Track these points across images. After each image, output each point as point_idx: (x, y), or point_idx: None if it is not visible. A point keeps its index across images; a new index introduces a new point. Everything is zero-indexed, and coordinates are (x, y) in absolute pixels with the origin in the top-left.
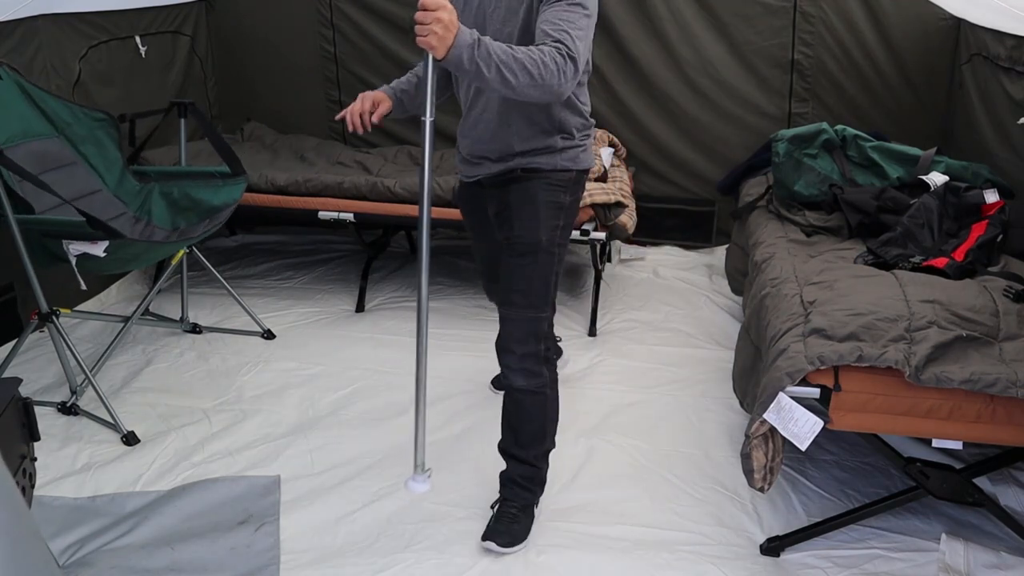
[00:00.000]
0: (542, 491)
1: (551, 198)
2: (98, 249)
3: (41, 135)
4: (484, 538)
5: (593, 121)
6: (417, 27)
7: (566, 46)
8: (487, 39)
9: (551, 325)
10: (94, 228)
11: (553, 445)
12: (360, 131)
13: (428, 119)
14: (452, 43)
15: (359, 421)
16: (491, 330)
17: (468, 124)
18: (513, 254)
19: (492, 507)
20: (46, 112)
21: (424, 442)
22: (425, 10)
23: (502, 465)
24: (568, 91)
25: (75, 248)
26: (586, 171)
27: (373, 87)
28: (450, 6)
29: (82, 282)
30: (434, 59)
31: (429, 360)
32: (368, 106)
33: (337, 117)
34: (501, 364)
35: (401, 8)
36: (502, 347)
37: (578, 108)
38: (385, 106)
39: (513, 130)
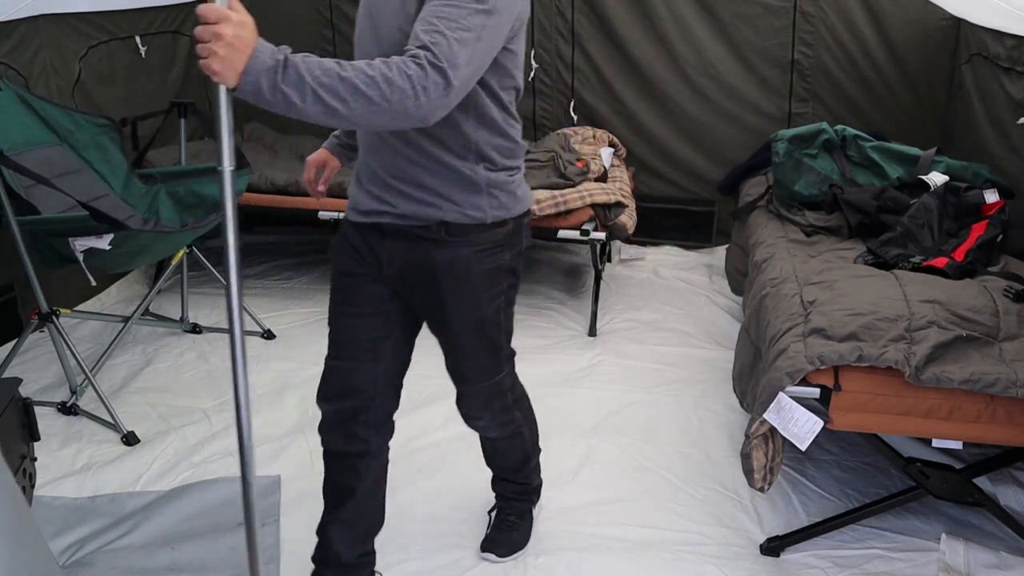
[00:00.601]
0: (539, 495)
1: (489, 264)
2: (103, 242)
3: (44, 143)
4: (483, 549)
5: (524, 146)
6: (197, 47)
7: (432, 52)
8: (300, 57)
9: (514, 364)
10: (98, 221)
11: (539, 452)
12: (319, 199)
13: (226, 168)
14: (244, 66)
15: None
16: None
17: (375, 152)
18: (452, 336)
19: (489, 513)
20: (47, 120)
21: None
22: (204, 23)
23: None
24: (436, 113)
25: (81, 244)
26: (525, 214)
27: None
28: (240, 16)
29: (91, 278)
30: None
31: (430, 360)
32: (312, 174)
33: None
34: (469, 427)
35: None
36: (467, 416)
37: (500, 128)
38: (331, 166)
39: (418, 159)
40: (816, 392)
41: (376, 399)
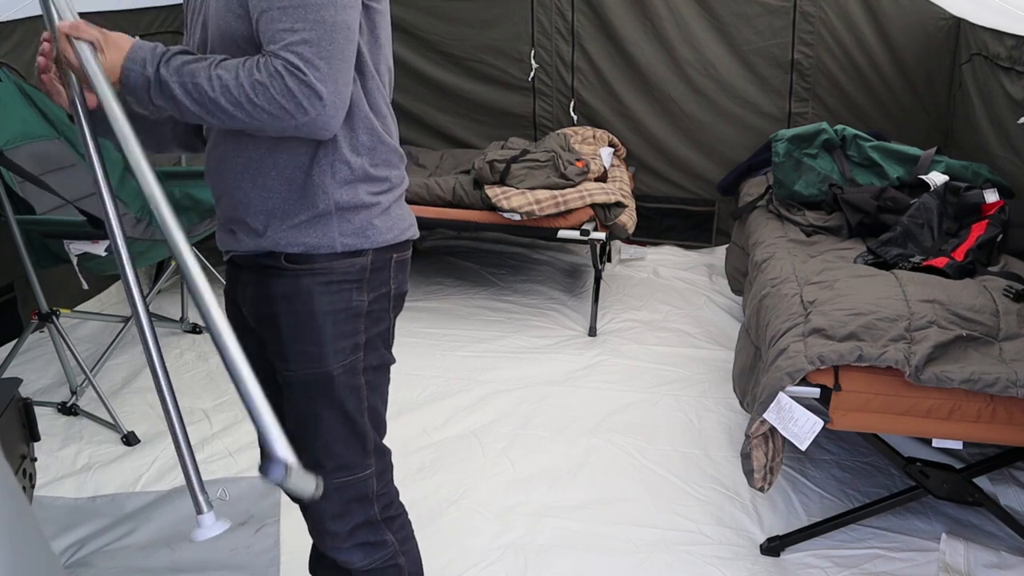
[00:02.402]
0: None
1: (337, 303)
2: (99, 248)
3: (42, 137)
4: None
5: (400, 153)
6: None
7: (296, 69)
8: (166, 67)
9: (389, 466)
10: (95, 227)
11: None
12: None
13: (105, 194)
14: (122, 61)
15: None
16: (491, 330)
17: (211, 163)
18: (295, 396)
19: None
20: (46, 114)
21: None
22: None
23: (503, 465)
24: (323, 121)
25: (76, 248)
26: (397, 247)
27: None
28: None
29: (84, 281)
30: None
31: (430, 360)
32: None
33: None
34: (321, 549)
35: (401, 8)
36: (316, 530)
37: (366, 138)
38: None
39: (251, 171)
40: (816, 392)
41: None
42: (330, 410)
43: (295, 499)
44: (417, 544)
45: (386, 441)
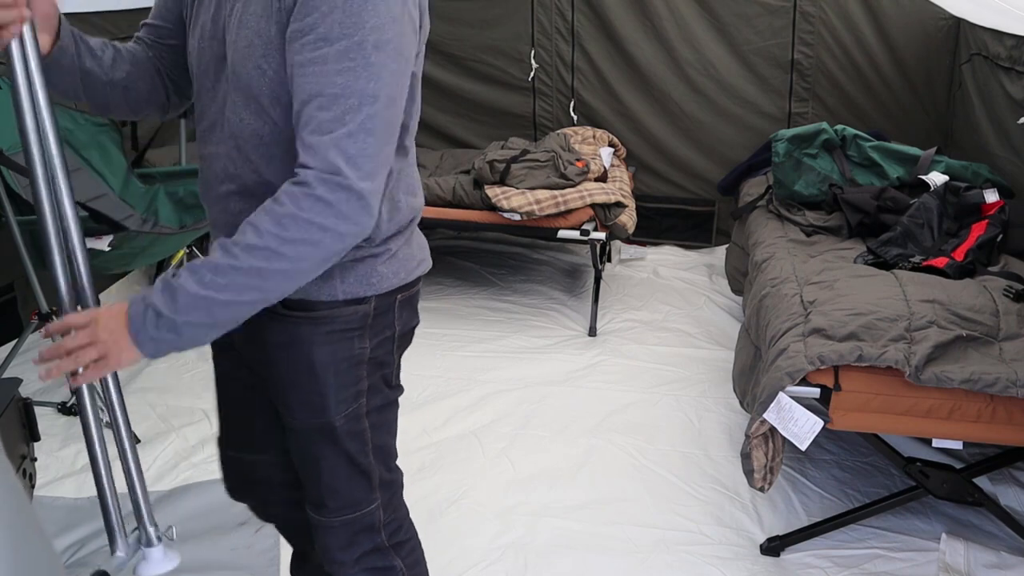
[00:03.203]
0: None
1: (338, 353)
2: (103, 243)
3: None
4: None
5: (420, 203)
6: (78, 356)
7: (332, 174)
8: (174, 278)
9: (397, 491)
10: (98, 223)
11: None
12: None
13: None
14: (129, 336)
15: None
16: (491, 330)
17: (204, 167)
18: (297, 440)
19: None
20: None
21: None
22: (73, 329)
23: (503, 465)
24: (368, 224)
25: None
26: (400, 290)
27: None
28: (102, 311)
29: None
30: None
31: (430, 360)
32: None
33: None
34: (329, 571)
35: None
36: (326, 559)
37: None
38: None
39: (246, 213)
40: (816, 392)
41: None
42: (333, 455)
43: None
44: (427, 566)
45: None
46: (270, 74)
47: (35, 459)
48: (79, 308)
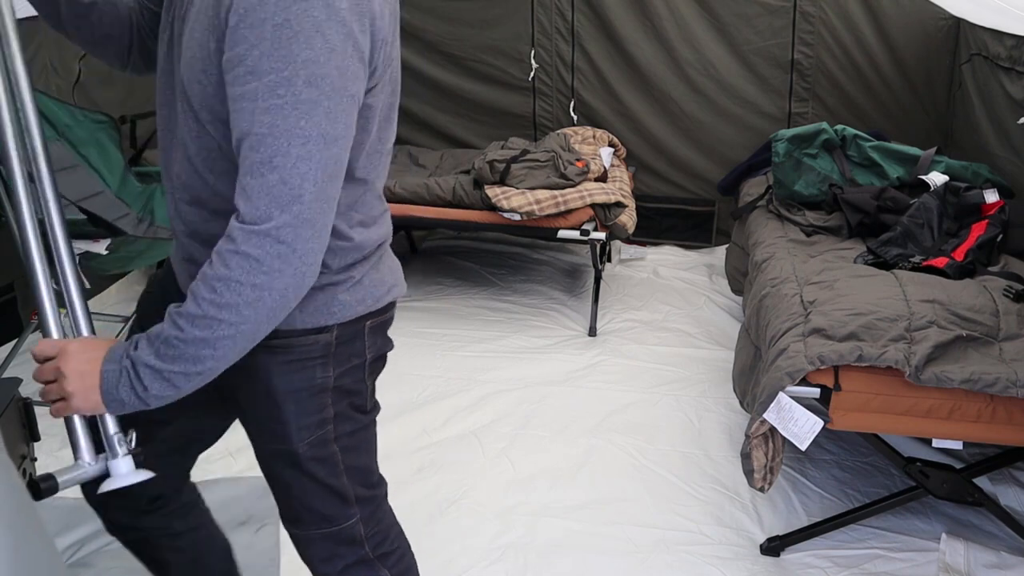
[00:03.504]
0: None
1: (297, 383)
2: (100, 247)
3: None
4: None
5: (381, 233)
6: (43, 391)
7: (260, 223)
8: (136, 349)
9: (380, 504)
10: (96, 226)
11: None
12: None
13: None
14: (99, 392)
15: None
16: (491, 330)
17: (162, 174)
18: (263, 463)
19: None
20: (46, 115)
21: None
22: (43, 360)
23: (503, 465)
24: (309, 271)
25: (77, 247)
26: (368, 317)
27: None
28: (73, 345)
29: (85, 281)
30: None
31: (430, 360)
32: None
33: None
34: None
35: (401, 8)
36: (311, 570)
37: (341, 231)
38: None
39: (199, 223)
40: (816, 392)
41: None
42: (302, 479)
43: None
44: (419, 573)
45: (384, 441)
46: (210, 90)
47: (35, 459)
48: (62, 313)
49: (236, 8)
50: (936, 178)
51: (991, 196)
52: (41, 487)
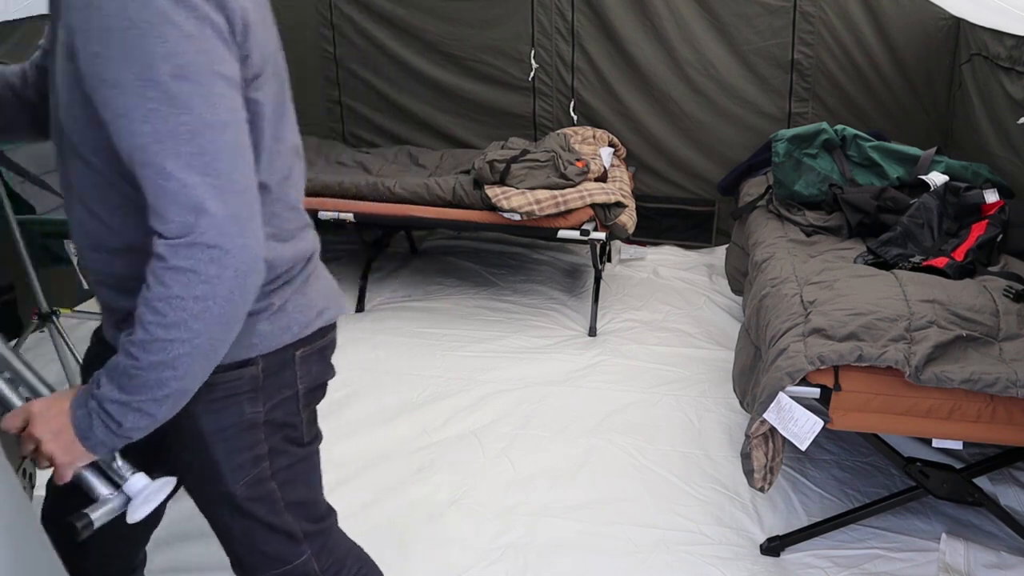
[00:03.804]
0: None
1: (225, 421)
2: None
3: None
4: None
5: (302, 249)
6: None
7: (182, 236)
8: (98, 388)
9: (331, 535)
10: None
11: None
12: None
13: None
14: (78, 440)
15: (358, 422)
16: (491, 330)
17: (69, 219)
18: (200, 507)
19: None
20: None
21: None
22: (18, 432)
23: (503, 465)
24: (250, 266)
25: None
26: (297, 345)
27: (373, 87)
28: (37, 406)
29: (84, 281)
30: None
31: (430, 360)
32: None
33: None
34: None
35: (401, 8)
36: None
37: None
38: None
39: (103, 266)
40: (816, 392)
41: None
42: (242, 522)
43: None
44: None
45: (384, 441)
46: (82, 121)
47: (35, 460)
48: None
49: (79, 28)
50: (936, 178)
51: (991, 196)
52: (79, 527)
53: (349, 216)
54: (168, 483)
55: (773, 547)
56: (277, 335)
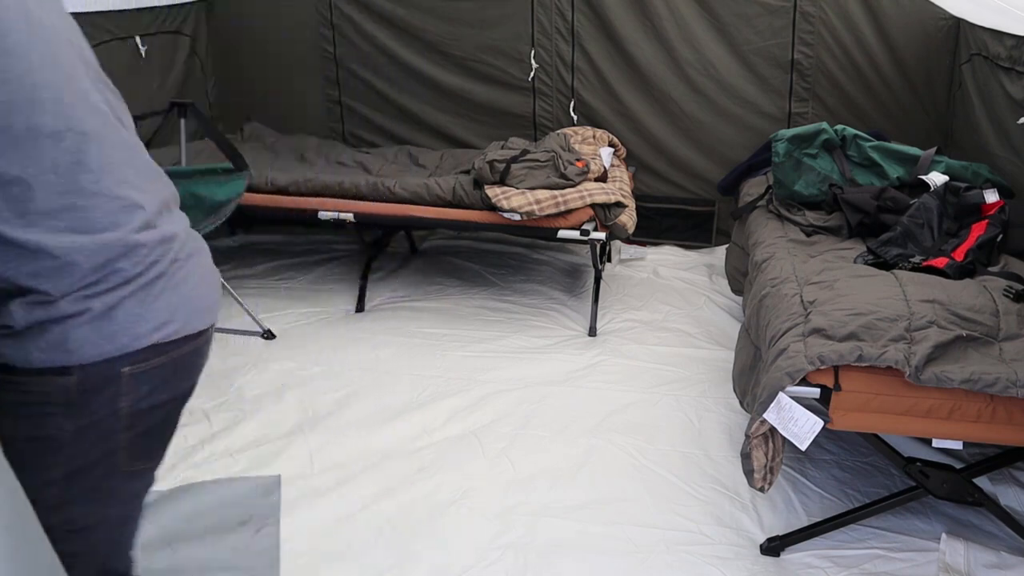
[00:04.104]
0: None
1: (24, 430)
2: None
3: None
4: None
5: (140, 238)
6: None
7: None
8: None
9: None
10: None
11: None
12: None
13: None
14: None
15: (359, 421)
16: (491, 330)
17: None
18: None
19: None
20: None
21: None
22: None
23: (503, 465)
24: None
25: None
26: (124, 361)
27: (373, 87)
28: None
29: None
30: None
31: (430, 360)
32: None
33: None
34: None
35: (401, 8)
36: None
37: (36, 244)
38: None
39: None
40: (816, 392)
41: None
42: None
43: None
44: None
45: (385, 441)
46: None
47: None
48: None
49: None
50: (936, 178)
51: (991, 196)
52: None
53: (349, 216)
54: None
55: (773, 547)
56: (98, 344)
